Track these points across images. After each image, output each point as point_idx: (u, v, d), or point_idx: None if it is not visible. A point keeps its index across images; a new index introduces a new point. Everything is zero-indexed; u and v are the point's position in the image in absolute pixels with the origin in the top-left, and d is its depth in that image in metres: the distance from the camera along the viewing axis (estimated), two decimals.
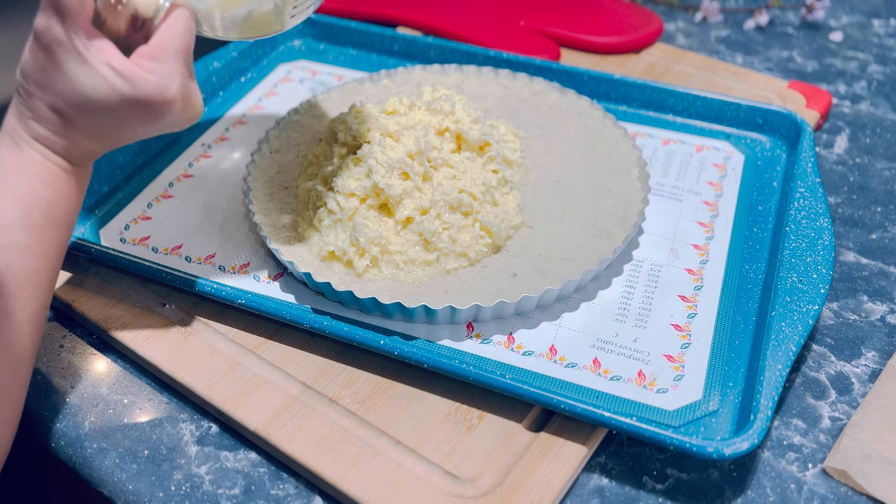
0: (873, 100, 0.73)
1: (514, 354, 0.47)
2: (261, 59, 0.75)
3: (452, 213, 0.51)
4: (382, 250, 0.49)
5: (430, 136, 0.53)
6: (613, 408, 0.42)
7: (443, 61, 0.72)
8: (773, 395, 0.41)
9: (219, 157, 0.63)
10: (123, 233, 0.55)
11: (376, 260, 0.49)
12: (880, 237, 0.58)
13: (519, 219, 0.53)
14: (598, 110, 0.61)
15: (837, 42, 0.82)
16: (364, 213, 0.50)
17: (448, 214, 0.50)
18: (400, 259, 0.50)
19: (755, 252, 0.53)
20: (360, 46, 0.76)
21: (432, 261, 0.50)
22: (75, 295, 0.51)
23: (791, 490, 0.42)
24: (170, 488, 0.42)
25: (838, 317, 0.52)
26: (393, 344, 0.45)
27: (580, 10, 0.82)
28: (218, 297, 0.48)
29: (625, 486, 0.42)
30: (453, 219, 0.50)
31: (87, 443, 0.44)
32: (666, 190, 0.59)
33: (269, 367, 0.47)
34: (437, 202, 0.50)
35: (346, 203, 0.51)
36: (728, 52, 0.80)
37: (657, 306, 0.49)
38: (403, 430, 0.43)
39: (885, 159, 0.65)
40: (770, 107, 0.63)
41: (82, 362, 0.49)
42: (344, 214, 0.50)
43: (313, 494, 0.42)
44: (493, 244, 0.51)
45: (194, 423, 0.46)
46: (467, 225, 0.51)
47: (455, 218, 0.50)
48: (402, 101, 0.57)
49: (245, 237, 0.55)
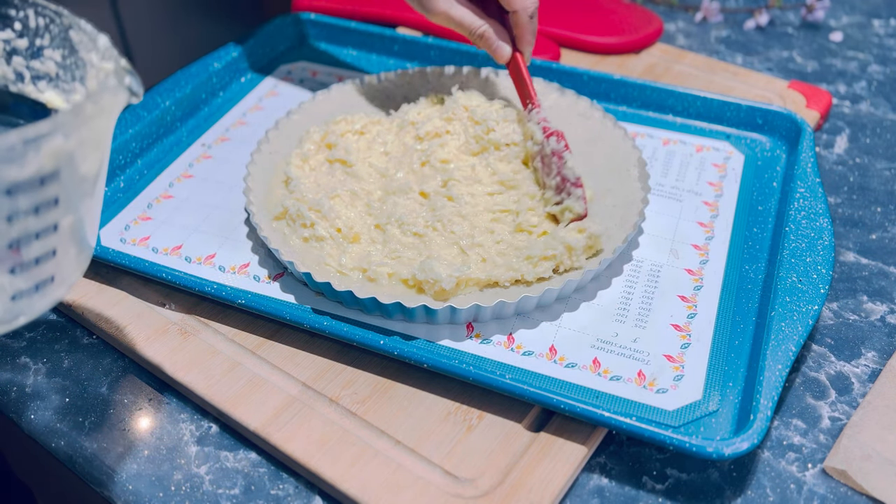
0: (873, 100, 0.73)
1: (514, 354, 0.47)
2: (261, 60, 0.75)
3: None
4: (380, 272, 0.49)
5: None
6: (613, 408, 0.42)
7: (443, 62, 0.72)
8: (773, 395, 0.41)
9: (219, 157, 0.63)
10: (123, 233, 0.55)
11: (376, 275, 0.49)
12: (880, 237, 0.58)
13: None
14: (598, 110, 0.61)
15: (837, 42, 0.82)
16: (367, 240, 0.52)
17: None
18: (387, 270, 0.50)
19: (755, 252, 0.53)
20: (360, 46, 0.76)
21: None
22: (75, 295, 0.51)
23: (791, 490, 0.42)
24: (170, 488, 0.42)
25: (838, 317, 0.52)
26: (393, 344, 0.45)
27: (580, 10, 0.82)
28: (218, 297, 0.48)
29: (624, 486, 0.42)
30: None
31: (88, 443, 0.44)
32: (666, 190, 0.59)
33: (269, 367, 0.47)
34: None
35: (348, 233, 0.51)
36: (728, 52, 0.80)
37: (657, 306, 0.49)
38: (403, 430, 0.43)
39: (885, 159, 0.65)
40: (770, 107, 0.63)
41: (82, 362, 0.49)
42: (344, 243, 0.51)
43: (313, 494, 0.42)
44: None
45: (194, 423, 0.46)
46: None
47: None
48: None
49: (245, 237, 0.55)
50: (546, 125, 0.56)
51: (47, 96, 0.42)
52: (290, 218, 0.52)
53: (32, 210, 0.31)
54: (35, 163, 0.30)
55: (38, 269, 0.33)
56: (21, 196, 0.30)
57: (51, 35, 0.39)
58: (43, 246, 0.33)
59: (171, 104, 0.64)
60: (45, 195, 0.31)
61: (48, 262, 0.34)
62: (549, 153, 0.54)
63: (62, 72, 0.40)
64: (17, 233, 0.31)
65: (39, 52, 0.40)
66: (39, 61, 0.41)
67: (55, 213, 0.32)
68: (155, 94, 0.65)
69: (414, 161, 0.56)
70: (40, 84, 0.41)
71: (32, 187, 0.31)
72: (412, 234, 0.51)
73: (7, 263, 0.32)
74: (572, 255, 0.49)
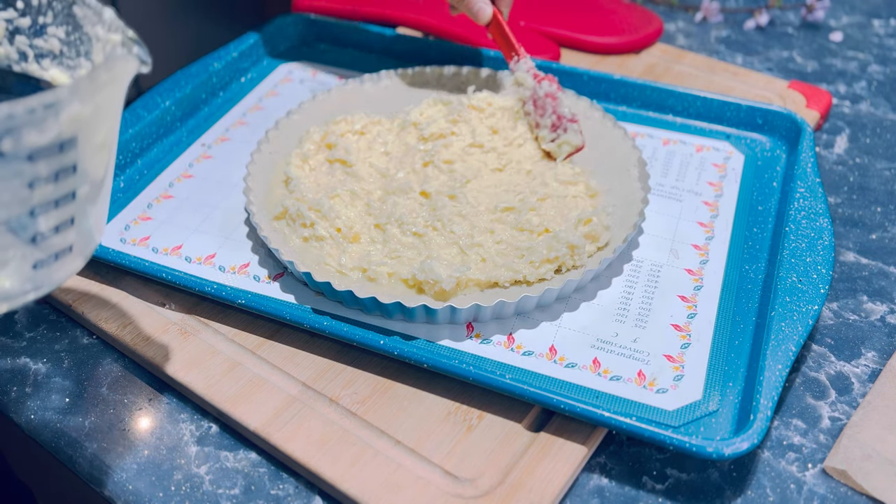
0: (873, 100, 0.73)
1: (514, 354, 0.47)
2: (261, 60, 0.75)
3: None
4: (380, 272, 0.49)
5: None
6: (613, 408, 0.42)
7: (443, 62, 0.72)
8: (773, 395, 0.41)
9: (219, 158, 0.63)
10: (123, 233, 0.55)
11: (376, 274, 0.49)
12: (880, 237, 0.58)
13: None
14: (598, 110, 0.61)
15: (837, 42, 0.82)
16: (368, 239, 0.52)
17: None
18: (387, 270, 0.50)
19: (755, 252, 0.53)
20: (360, 47, 0.76)
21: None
22: (75, 295, 0.51)
23: (791, 490, 0.42)
24: (170, 488, 0.42)
25: (838, 317, 0.52)
26: (393, 344, 0.45)
27: (580, 10, 0.82)
28: (218, 297, 0.48)
29: (624, 486, 0.42)
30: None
31: (88, 443, 0.44)
32: (666, 190, 0.59)
33: (269, 367, 0.47)
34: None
35: (348, 233, 0.51)
36: (728, 52, 0.80)
37: (657, 306, 0.49)
38: (403, 430, 0.43)
39: (885, 159, 0.65)
40: (770, 107, 0.63)
41: (82, 362, 0.49)
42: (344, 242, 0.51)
43: (313, 494, 0.42)
44: None
45: (194, 423, 0.46)
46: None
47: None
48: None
49: (245, 237, 0.55)
50: (536, 72, 0.59)
51: (52, 74, 0.42)
52: (289, 218, 0.52)
53: (52, 176, 0.32)
54: (55, 128, 0.30)
55: (58, 237, 0.34)
56: (42, 162, 0.31)
57: (54, 12, 0.40)
58: (61, 214, 0.33)
59: (171, 104, 0.64)
60: (64, 161, 0.32)
61: (67, 231, 0.34)
62: (542, 95, 0.57)
63: (66, 48, 0.40)
64: (38, 200, 0.32)
65: (43, 30, 0.41)
66: (43, 39, 0.41)
67: (73, 181, 0.33)
68: (155, 94, 0.65)
69: (416, 161, 0.56)
70: (44, 62, 0.41)
71: (52, 153, 0.31)
72: (412, 233, 0.51)
73: (29, 231, 0.32)
74: (575, 255, 0.49)
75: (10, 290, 0.34)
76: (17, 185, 0.31)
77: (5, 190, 0.31)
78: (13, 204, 0.31)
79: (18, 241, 0.32)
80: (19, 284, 0.34)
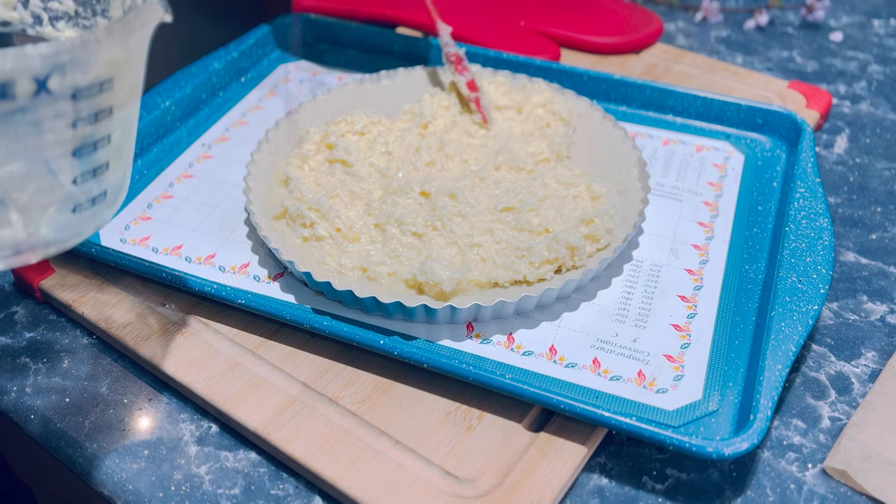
0: (873, 100, 0.73)
1: (514, 354, 0.47)
2: (261, 60, 0.75)
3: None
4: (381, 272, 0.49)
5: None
6: (613, 408, 0.42)
7: (443, 62, 0.72)
8: (773, 395, 0.41)
9: (219, 157, 0.63)
10: (123, 233, 0.55)
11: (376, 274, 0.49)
12: (880, 237, 0.58)
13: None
14: (598, 111, 0.61)
15: (837, 42, 0.82)
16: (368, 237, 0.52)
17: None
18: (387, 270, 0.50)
19: (755, 252, 0.53)
20: (360, 47, 0.76)
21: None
22: (75, 295, 0.51)
23: (791, 490, 0.42)
24: (170, 488, 0.42)
25: (838, 317, 0.52)
26: (393, 344, 0.45)
27: (580, 10, 0.82)
28: (218, 297, 0.48)
29: (624, 486, 0.42)
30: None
31: (87, 443, 0.44)
32: (666, 190, 0.59)
33: (269, 367, 0.47)
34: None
35: (347, 233, 0.51)
36: (728, 52, 0.80)
37: (657, 306, 0.49)
38: (403, 430, 0.43)
39: (885, 159, 0.65)
40: (770, 107, 0.63)
41: (82, 362, 0.49)
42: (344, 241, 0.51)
43: (313, 494, 0.42)
44: None
45: (194, 423, 0.46)
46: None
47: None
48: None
49: (245, 237, 0.55)
50: (449, 50, 0.65)
51: (67, 36, 0.42)
52: (289, 218, 0.52)
53: (92, 117, 0.32)
54: (95, 69, 0.31)
55: (95, 182, 0.35)
56: (84, 101, 0.31)
57: None
58: (99, 157, 0.34)
59: (171, 104, 0.64)
60: (102, 103, 0.33)
61: (103, 175, 0.35)
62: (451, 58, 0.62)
63: (81, 8, 0.41)
64: (79, 140, 0.32)
65: None
66: (58, 1, 0.41)
67: (110, 124, 0.34)
68: (155, 94, 0.65)
69: (417, 161, 0.57)
70: (59, 24, 0.42)
71: (93, 93, 0.32)
72: (412, 233, 0.51)
73: (70, 174, 0.33)
74: (575, 255, 0.49)
75: (52, 236, 0.35)
76: (62, 125, 0.31)
77: (51, 130, 0.31)
78: (58, 144, 0.32)
79: (60, 184, 0.33)
80: (62, 229, 0.34)
